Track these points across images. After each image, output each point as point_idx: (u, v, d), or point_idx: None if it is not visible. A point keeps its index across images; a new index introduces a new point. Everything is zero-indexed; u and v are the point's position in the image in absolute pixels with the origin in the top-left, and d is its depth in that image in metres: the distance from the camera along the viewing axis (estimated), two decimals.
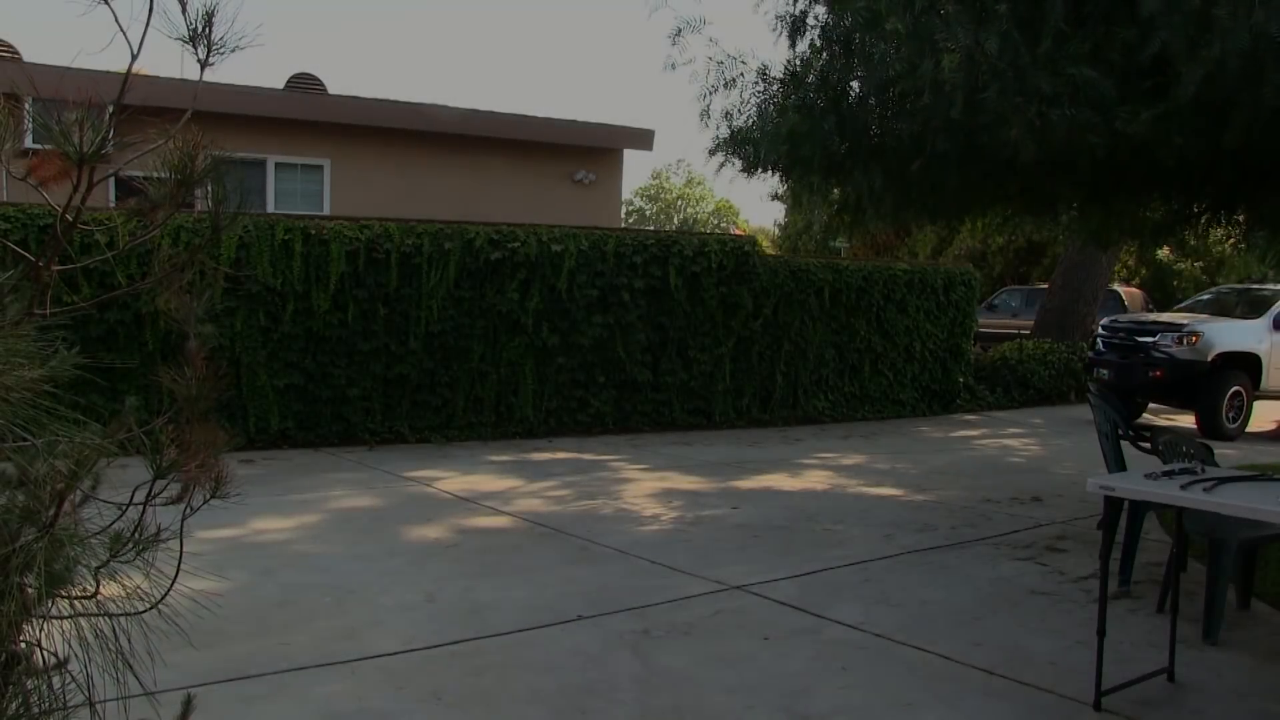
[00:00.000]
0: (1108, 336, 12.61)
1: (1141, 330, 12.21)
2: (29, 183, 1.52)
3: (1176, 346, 11.58)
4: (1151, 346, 11.77)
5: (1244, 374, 11.63)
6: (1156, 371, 11.54)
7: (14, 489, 1.39)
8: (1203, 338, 11.57)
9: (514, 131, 14.19)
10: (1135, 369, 11.81)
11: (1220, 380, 11.48)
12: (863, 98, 5.55)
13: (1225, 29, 3.72)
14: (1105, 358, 12.42)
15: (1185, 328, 11.72)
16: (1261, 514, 3.02)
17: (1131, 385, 11.99)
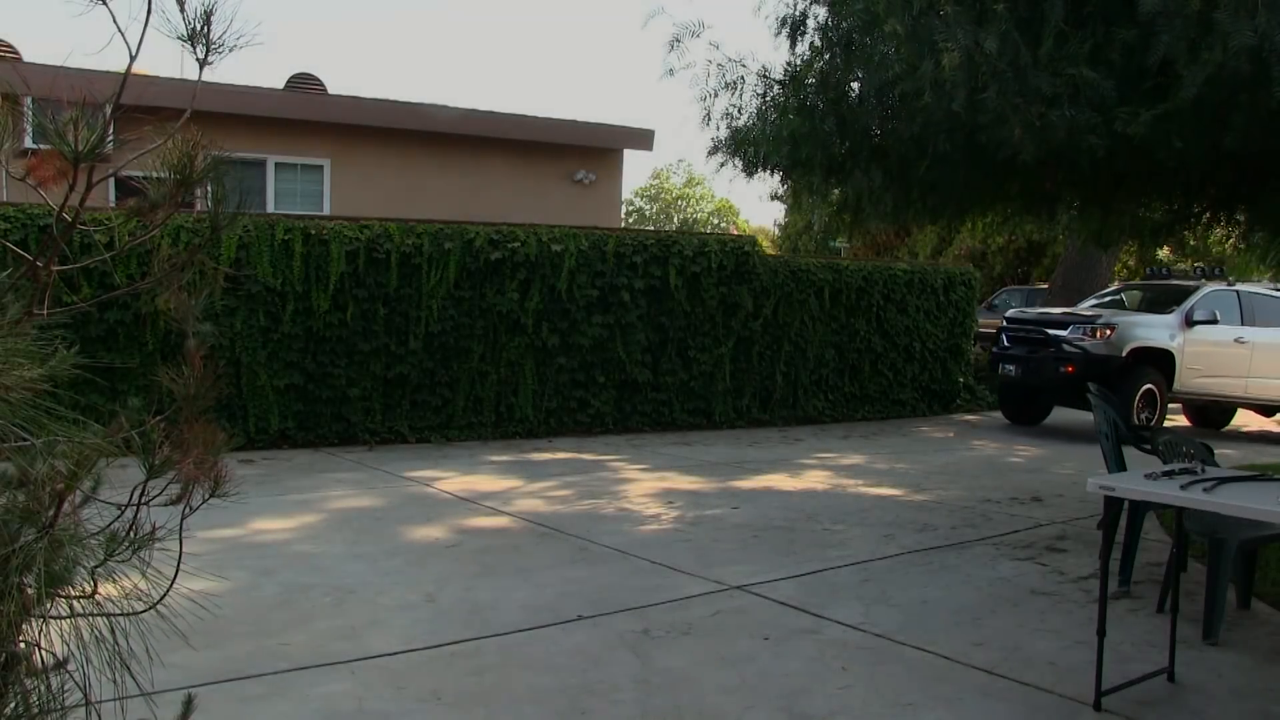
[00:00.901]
0: (1014, 330, 11.77)
1: (1051, 323, 11.40)
2: (28, 183, 1.52)
3: (1089, 340, 10.90)
4: (1063, 340, 11.02)
5: (1157, 372, 10.99)
6: (1068, 367, 10.81)
7: (14, 489, 1.38)
8: (1117, 331, 10.91)
9: (514, 131, 14.19)
10: (1045, 364, 11.06)
11: (1133, 377, 10.82)
12: (863, 99, 5.56)
13: (1226, 32, 3.72)
14: (1011, 353, 11.54)
15: (1098, 320, 11.03)
16: (1261, 514, 3.02)
17: (1040, 382, 11.37)
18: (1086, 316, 11.21)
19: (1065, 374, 10.86)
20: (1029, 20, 4.33)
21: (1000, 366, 11.64)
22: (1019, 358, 11.34)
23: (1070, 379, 10.87)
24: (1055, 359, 10.92)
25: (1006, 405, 12.34)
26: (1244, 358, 11.64)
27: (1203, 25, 3.82)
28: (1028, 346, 11.36)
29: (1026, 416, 12.19)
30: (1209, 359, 11.35)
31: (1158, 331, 11.13)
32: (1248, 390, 11.85)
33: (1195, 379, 11.27)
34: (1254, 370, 11.78)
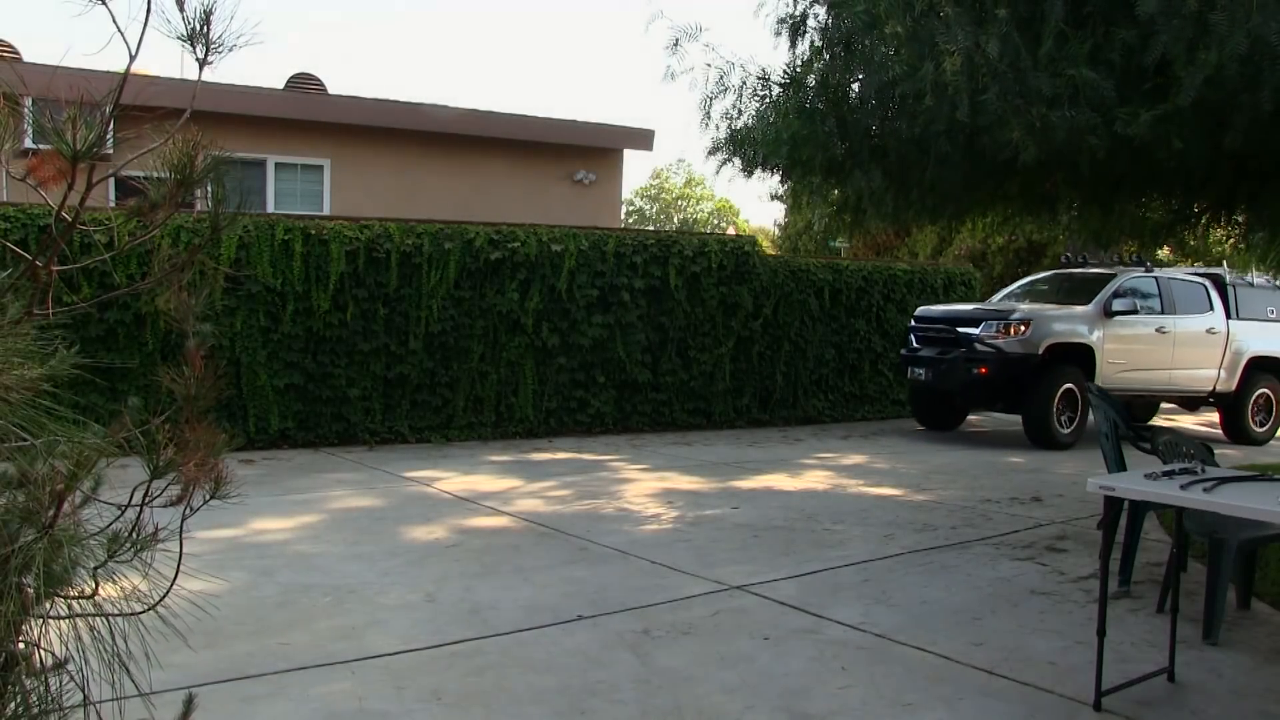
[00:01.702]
0: (922, 329, 10.82)
1: (962, 320, 10.41)
2: (28, 183, 1.52)
3: (1003, 337, 9.94)
4: (975, 339, 10.05)
5: (1076, 369, 10.09)
6: (981, 368, 9.89)
7: (14, 489, 1.38)
8: (1033, 326, 9.94)
9: (514, 131, 14.19)
10: (956, 367, 10.08)
11: (1051, 377, 9.90)
12: (863, 99, 5.55)
13: (1223, 34, 3.72)
14: (921, 355, 10.58)
15: (1012, 315, 10.09)
16: (1261, 514, 3.02)
17: (952, 386, 10.38)
18: (1000, 312, 10.35)
19: (979, 376, 9.97)
20: (1029, 20, 4.33)
21: (909, 370, 10.75)
22: (928, 360, 10.43)
23: (985, 382, 10.05)
24: (967, 360, 10.02)
25: (918, 410, 11.53)
26: (1166, 349, 10.89)
27: (1200, 26, 3.82)
28: (937, 347, 10.48)
29: (941, 422, 11.44)
30: (1130, 352, 10.57)
31: (1075, 325, 10.27)
32: (1171, 383, 11.10)
33: (1117, 374, 10.42)
34: (1177, 361, 11.01)
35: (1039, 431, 9.95)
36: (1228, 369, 11.35)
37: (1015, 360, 9.86)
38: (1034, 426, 10.00)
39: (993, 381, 10.02)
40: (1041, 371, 9.86)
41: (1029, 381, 9.86)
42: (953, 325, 10.42)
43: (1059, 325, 10.14)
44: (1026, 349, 9.86)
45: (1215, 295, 11.44)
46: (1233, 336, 11.40)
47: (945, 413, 11.38)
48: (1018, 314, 10.10)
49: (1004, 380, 10.01)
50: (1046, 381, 9.87)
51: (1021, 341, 9.87)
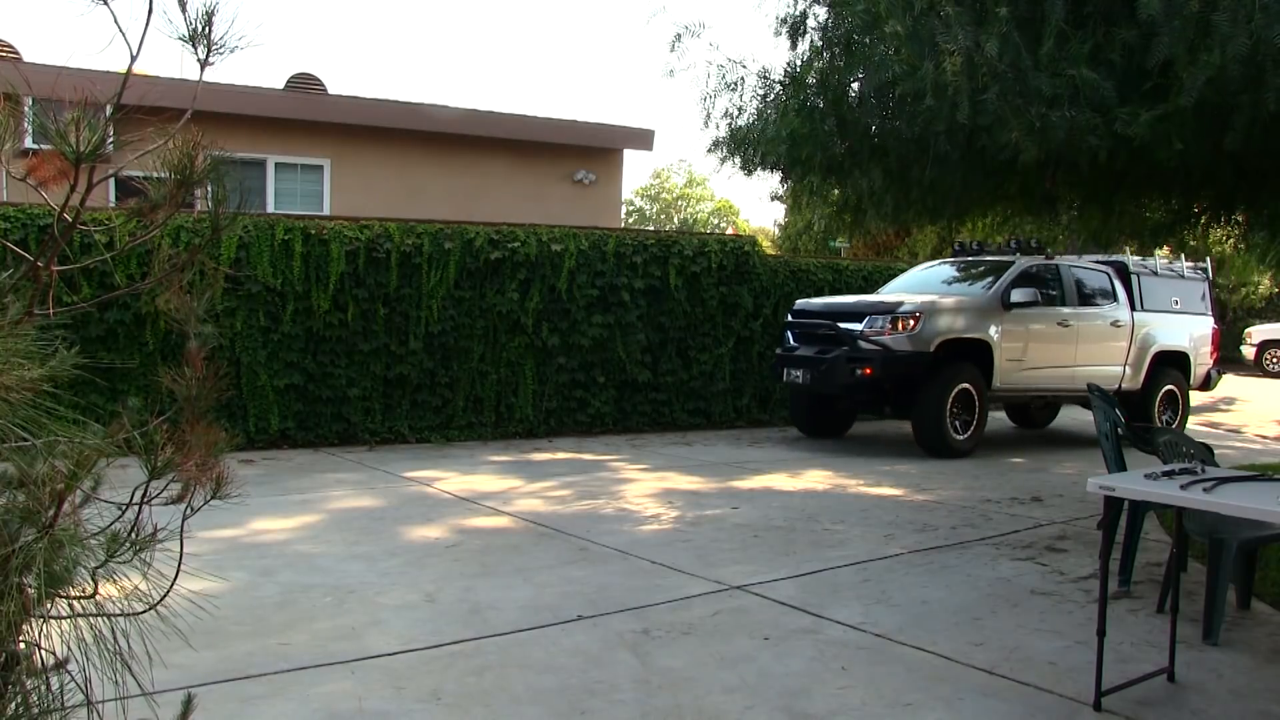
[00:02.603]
0: (801, 325, 9.67)
1: (843, 314, 9.32)
2: (29, 183, 1.52)
3: (890, 333, 8.82)
4: (858, 335, 8.96)
5: (973, 367, 9.07)
6: (865, 369, 8.77)
7: (14, 489, 1.39)
8: (924, 320, 8.86)
9: (514, 131, 14.20)
10: (837, 367, 8.93)
11: (944, 376, 8.85)
12: (863, 99, 5.56)
13: (1225, 35, 3.72)
14: (798, 354, 9.45)
15: (900, 307, 8.96)
16: (1261, 514, 3.02)
17: (834, 389, 9.23)
18: (886, 305, 9.17)
19: (863, 378, 8.83)
20: (1029, 20, 4.33)
21: (785, 372, 9.49)
22: (806, 360, 9.26)
23: (870, 383, 8.93)
24: (850, 360, 8.89)
25: (797, 416, 10.37)
26: (1069, 344, 9.89)
27: (1201, 27, 3.82)
28: (817, 345, 9.34)
29: (824, 428, 10.29)
30: (1031, 348, 9.53)
31: (971, 318, 9.20)
32: (1075, 381, 9.88)
33: (1017, 373, 9.40)
34: (1081, 357, 10.00)
35: (930, 438, 8.95)
36: (1133, 365, 10.51)
37: (904, 359, 8.81)
38: (924, 432, 8.99)
39: (879, 383, 8.95)
40: (933, 371, 8.83)
41: (919, 382, 8.84)
42: (834, 320, 9.32)
43: (952, 319, 9.08)
44: (916, 346, 8.81)
45: (1119, 285, 10.53)
46: (1138, 329, 10.53)
47: (829, 418, 10.30)
48: (906, 306, 8.96)
49: (892, 381, 8.96)
50: (939, 382, 8.83)
51: (911, 337, 8.81)
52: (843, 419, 10.41)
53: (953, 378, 8.86)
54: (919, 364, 8.79)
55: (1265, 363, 20.54)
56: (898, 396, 9.17)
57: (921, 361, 8.80)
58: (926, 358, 8.81)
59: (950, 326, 9.00)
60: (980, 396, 9.08)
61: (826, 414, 10.20)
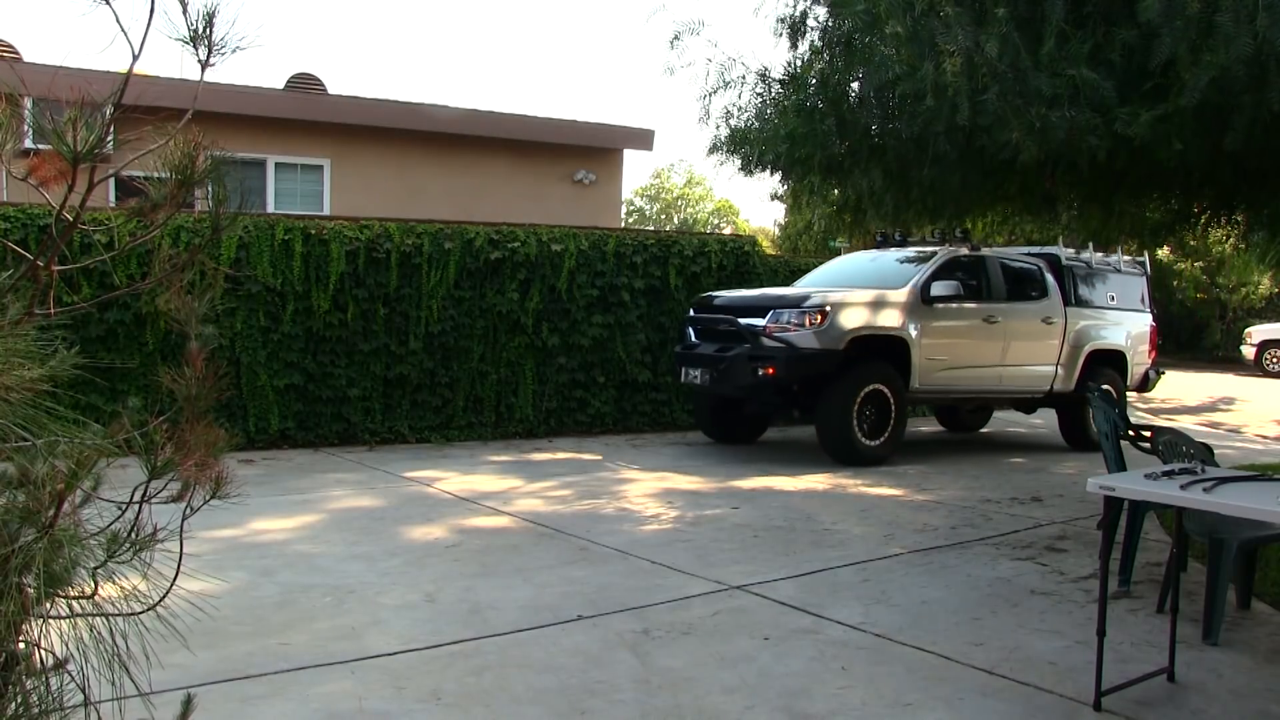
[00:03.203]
0: (702, 321, 8.88)
1: (746, 308, 8.54)
2: (29, 183, 1.52)
3: (795, 329, 8.07)
4: (761, 332, 8.19)
5: (888, 366, 8.36)
6: (768, 368, 7.99)
7: (14, 489, 1.39)
8: (833, 315, 8.09)
9: (514, 131, 14.20)
10: (737, 366, 8.15)
11: (854, 377, 8.11)
12: (862, 99, 5.56)
13: (1228, 35, 3.72)
14: (697, 352, 8.63)
15: (806, 301, 8.17)
16: (1261, 514, 3.02)
17: (735, 390, 8.44)
18: (791, 298, 8.38)
19: (765, 378, 8.02)
20: (1029, 21, 4.34)
21: (683, 372, 8.71)
22: (706, 358, 8.47)
23: (773, 384, 8.14)
24: (751, 358, 8.10)
25: (702, 419, 9.61)
26: (996, 342, 9.14)
27: (1203, 28, 3.82)
28: (717, 343, 8.58)
29: (732, 433, 9.55)
30: (953, 346, 8.81)
31: (886, 313, 8.42)
32: (1002, 382, 9.30)
33: (938, 373, 8.67)
34: (1009, 356, 9.27)
35: (835, 443, 8.22)
36: (1066, 364, 9.76)
37: (810, 357, 8.03)
38: (829, 437, 8.26)
39: (783, 384, 8.18)
40: (844, 371, 8.13)
41: (829, 383, 8.13)
42: (734, 315, 8.52)
43: (866, 314, 8.31)
44: (825, 343, 8.03)
45: (1051, 278, 9.78)
46: (1071, 327, 9.79)
47: (737, 422, 9.53)
48: (813, 300, 8.18)
49: (799, 382, 8.24)
50: (849, 383, 8.12)
51: (818, 334, 8.04)
52: (753, 423, 9.62)
53: (863, 378, 8.17)
54: (827, 363, 8.05)
55: (1265, 363, 20.53)
56: (806, 399, 8.38)
57: (830, 360, 8.04)
58: (836, 356, 8.05)
59: (863, 322, 8.25)
60: (896, 398, 8.36)
61: (733, 417, 9.46)
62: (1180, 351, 24.09)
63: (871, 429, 8.28)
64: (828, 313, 8.08)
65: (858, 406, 8.11)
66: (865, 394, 8.15)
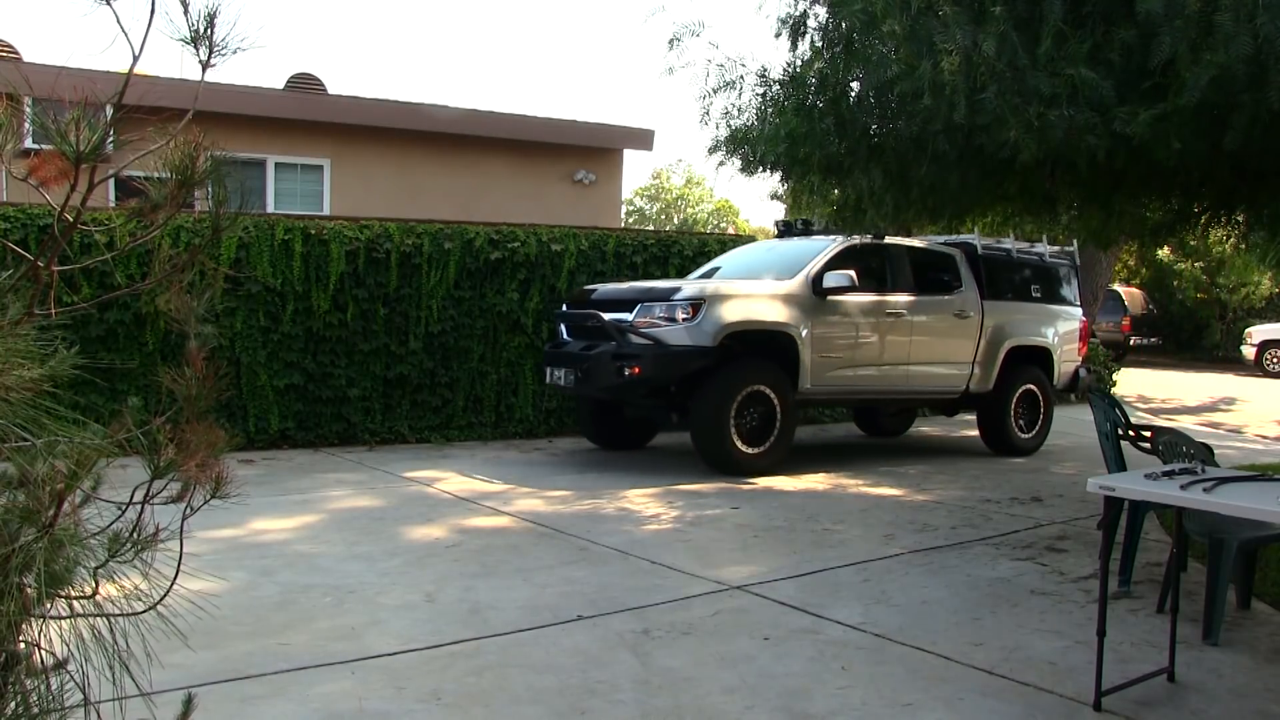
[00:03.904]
0: (572, 317, 8.19)
1: (613, 303, 7.82)
2: (29, 183, 1.53)
3: (664, 324, 7.38)
4: (627, 328, 7.48)
5: (773, 366, 7.66)
6: (633, 367, 7.24)
7: (14, 489, 1.39)
8: (706, 309, 7.38)
9: (514, 131, 14.20)
10: (601, 365, 7.41)
11: (730, 376, 7.40)
12: (862, 98, 5.56)
13: (1228, 34, 3.72)
14: (566, 350, 7.93)
15: (677, 294, 7.49)
16: (1261, 514, 3.02)
17: (601, 390, 7.71)
18: (661, 290, 7.69)
19: (632, 378, 7.28)
20: (1027, 20, 4.34)
21: (548, 372, 8.03)
22: (571, 357, 7.73)
23: (641, 385, 7.42)
24: (615, 357, 7.36)
25: (583, 422, 8.94)
26: (901, 338, 8.45)
27: (1203, 27, 3.82)
28: (585, 340, 7.89)
29: (617, 438, 8.85)
30: (850, 343, 8.11)
31: (771, 306, 7.69)
32: (910, 382, 8.61)
33: (831, 372, 7.97)
34: (917, 354, 8.57)
35: (711, 449, 7.47)
36: (983, 363, 9.08)
37: (680, 355, 7.32)
38: (704, 444, 7.49)
39: (651, 384, 7.46)
40: (719, 371, 7.41)
41: (702, 384, 7.44)
42: (601, 310, 7.83)
43: (744, 307, 7.58)
44: (696, 339, 7.33)
45: (966, 269, 9.12)
46: (989, 321, 9.11)
47: (620, 426, 8.83)
48: (684, 293, 7.50)
49: (665, 382, 7.51)
50: (723, 382, 7.38)
51: (689, 329, 7.34)
52: (640, 428, 8.92)
53: (742, 378, 7.43)
54: (700, 361, 7.33)
55: (1265, 363, 20.53)
56: (684, 400, 7.65)
57: (703, 358, 7.33)
58: (709, 354, 7.33)
59: (742, 316, 7.50)
60: (782, 401, 7.60)
61: (615, 421, 8.76)
62: (1180, 351, 24.10)
63: (753, 435, 7.52)
64: (700, 306, 7.38)
65: (736, 410, 7.37)
66: (745, 396, 7.42)
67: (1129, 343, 21.16)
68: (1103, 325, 19.83)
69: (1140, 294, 22.87)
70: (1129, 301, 21.61)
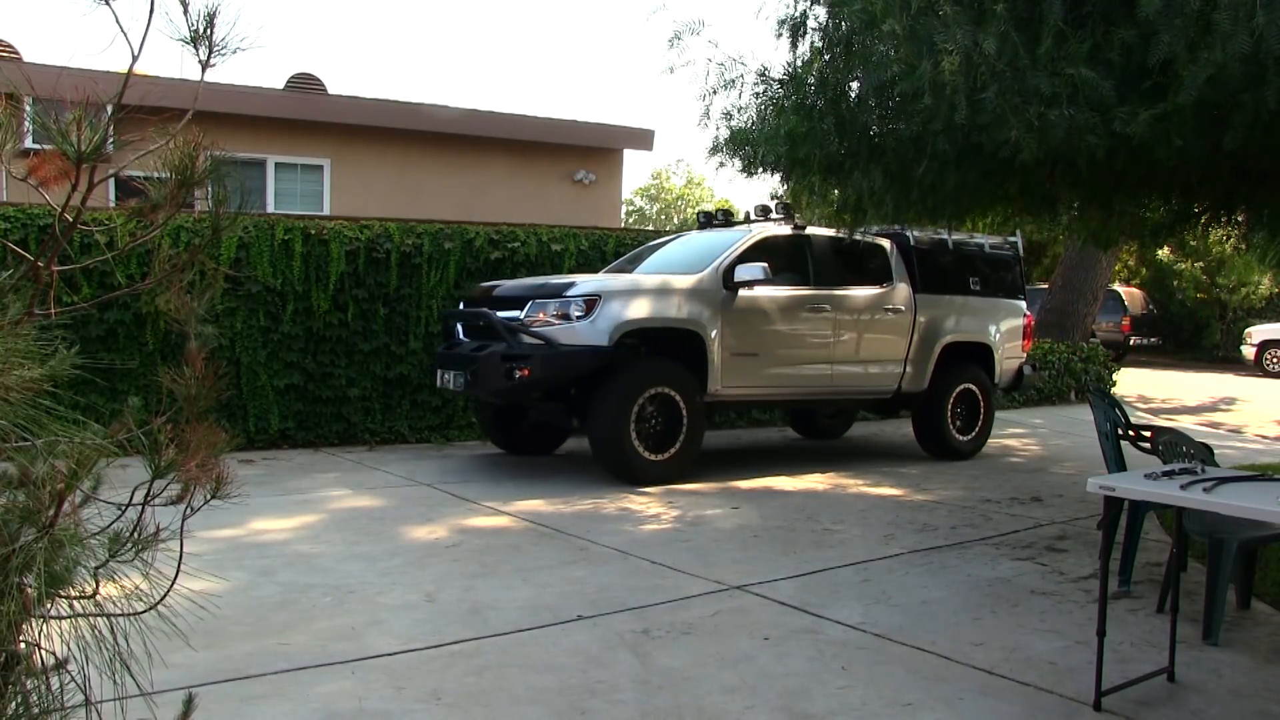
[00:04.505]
0: (466, 316, 7.67)
1: (504, 300, 7.34)
2: (29, 183, 1.53)
3: (558, 322, 6.91)
4: (518, 326, 6.99)
5: (677, 366, 7.16)
6: (522, 369, 6.75)
7: (14, 489, 1.39)
8: (601, 306, 6.91)
9: (514, 131, 14.20)
10: (490, 367, 6.88)
11: (629, 378, 6.92)
12: (862, 98, 5.56)
13: (1226, 33, 3.72)
14: (458, 351, 7.36)
15: (570, 290, 7.01)
16: (1261, 514, 3.02)
17: (491, 393, 7.11)
18: (554, 286, 7.19)
19: (522, 380, 6.78)
20: (1027, 20, 4.33)
21: (438, 375, 7.46)
22: (462, 359, 7.18)
23: (531, 387, 6.91)
24: (505, 358, 6.84)
25: (485, 425, 8.45)
26: (823, 335, 7.97)
27: (1202, 26, 3.82)
28: (476, 340, 7.38)
29: (523, 442, 8.34)
30: (767, 340, 7.62)
31: (675, 302, 7.21)
32: (834, 383, 8.10)
33: (746, 372, 7.53)
34: (842, 352, 8.10)
35: (609, 456, 6.98)
36: (916, 361, 8.60)
37: (573, 356, 6.83)
38: (602, 449, 7.00)
39: (544, 386, 6.97)
40: (617, 372, 6.93)
41: (597, 387, 6.94)
42: (491, 307, 7.36)
43: (645, 303, 7.11)
44: (590, 338, 6.85)
45: (898, 261, 8.65)
46: (922, 317, 8.64)
47: (525, 431, 8.28)
48: (578, 289, 7.02)
49: (564, 384, 7.08)
50: (622, 384, 6.88)
51: (584, 328, 6.86)
52: (548, 432, 8.36)
53: (643, 379, 6.95)
54: (594, 362, 6.86)
55: (1265, 363, 20.53)
56: (584, 404, 7.11)
57: (597, 358, 6.86)
58: (604, 354, 6.86)
59: (641, 313, 7.02)
60: (688, 404, 7.11)
61: (519, 425, 8.21)
62: (1180, 351, 24.11)
63: (657, 440, 7.02)
64: (596, 303, 6.90)
65: (637, 414, 6.88)
66: (647, 399, 6.93)
67: (1129, 343, 21.17)
68: (1103, 325, 19.85)
69: (1140, 294, 22.88)
70: (1129, 301, 21.61)
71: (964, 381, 8.89)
